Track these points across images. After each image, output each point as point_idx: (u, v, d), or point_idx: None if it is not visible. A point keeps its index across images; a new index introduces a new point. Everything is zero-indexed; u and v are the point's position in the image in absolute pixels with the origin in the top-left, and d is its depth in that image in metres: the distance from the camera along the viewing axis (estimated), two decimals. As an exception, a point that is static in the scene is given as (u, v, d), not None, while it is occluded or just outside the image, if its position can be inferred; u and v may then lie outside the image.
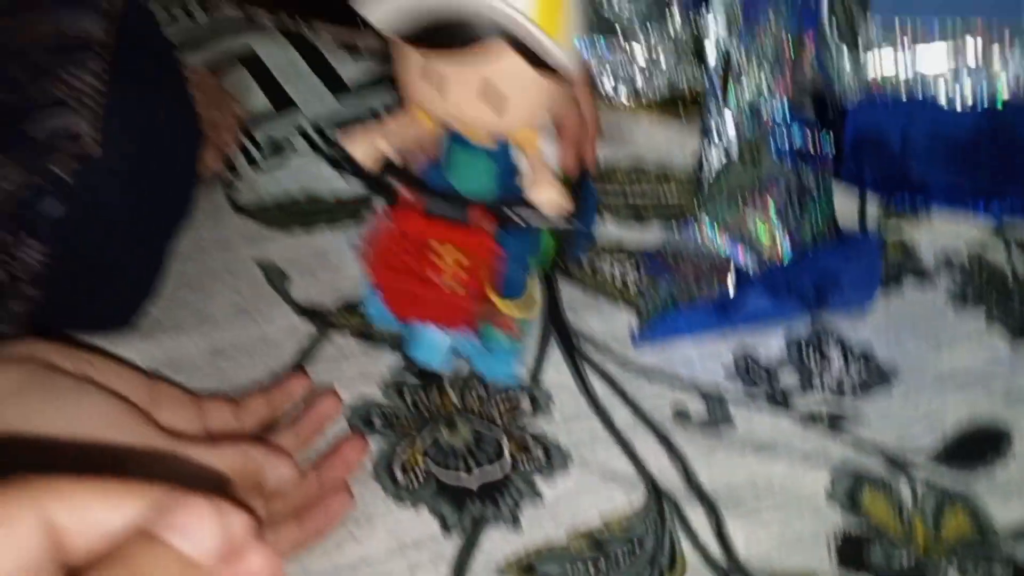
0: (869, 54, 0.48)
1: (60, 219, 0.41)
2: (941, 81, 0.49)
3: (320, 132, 0.59)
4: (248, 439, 0.39)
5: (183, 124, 0.48)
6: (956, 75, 0.49)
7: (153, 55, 0.47)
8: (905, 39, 0.47)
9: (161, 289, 0.48)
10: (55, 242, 0.41)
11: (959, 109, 0.49)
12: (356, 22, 0.66)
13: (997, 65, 0.48)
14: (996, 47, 0.47)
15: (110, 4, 0.45)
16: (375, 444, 0.42)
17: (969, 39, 0.47)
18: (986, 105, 0.49)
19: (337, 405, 0.43)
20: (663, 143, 0.58)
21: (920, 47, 0.48)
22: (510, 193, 0.41)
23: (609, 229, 0.53)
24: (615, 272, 0.50)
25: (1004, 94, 0.49)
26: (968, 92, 0.49)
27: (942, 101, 0.49)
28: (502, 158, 0.41)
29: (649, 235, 0.52)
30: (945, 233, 0.52)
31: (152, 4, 0.69)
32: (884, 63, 0.49)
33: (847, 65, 0.50)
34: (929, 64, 0.48)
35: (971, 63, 0.48)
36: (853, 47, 0.49)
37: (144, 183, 0.44)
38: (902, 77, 0.49)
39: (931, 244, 0.51)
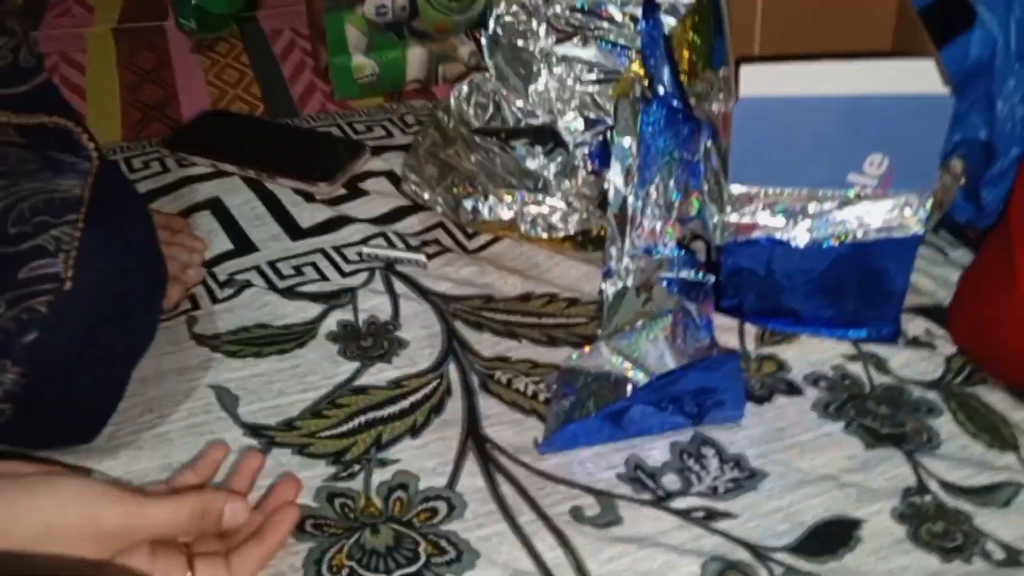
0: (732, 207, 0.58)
1: (35, 345, 0.48)
2: (795, 228, 0.58)
3: (275, 270, 0.67)
4: (206, 488, 0.47)
5: (147, 265, 0.56)
6: (809, 222, 0.58)
7: (122, 206, 0.55)
8: (758, 202, 0.57)
9: (124, 410, 0.54)
10: (29, 364, 0.48)
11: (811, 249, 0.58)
12: (311, 175, 0.76)
13: (840, 216, 0.57)
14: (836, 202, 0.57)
15: (90, 165, 0.53)
16: (306, 546, 0.48)
17: (812, 203, 0.57)
18: (836, 245, 0.58)
19: (260, 460, 0.50)
20: (574, 278, 0.66)
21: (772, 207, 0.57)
22: None
23: (525, 350, 0.60)
24: (528, 388, 0.57)
25: (852, 236, 0.58)
26: (819, 236, 0.58)
27: (797, 244, 0.58)
28: None
29: (559, 355, 0.60)
30: (813, 352, 0.60)
31: (134, 158, 0.78)
32: (746, 214, 0.58)
33: (717, 215, 0.60)
34: (781, 218, 0.58)
35: (817, 217, 0.57)
36: (721, 203, 0.59)
37: (110, 315, 0.51)
38: (761, 224, 0.58)
39: (800, 362, 0.59)
